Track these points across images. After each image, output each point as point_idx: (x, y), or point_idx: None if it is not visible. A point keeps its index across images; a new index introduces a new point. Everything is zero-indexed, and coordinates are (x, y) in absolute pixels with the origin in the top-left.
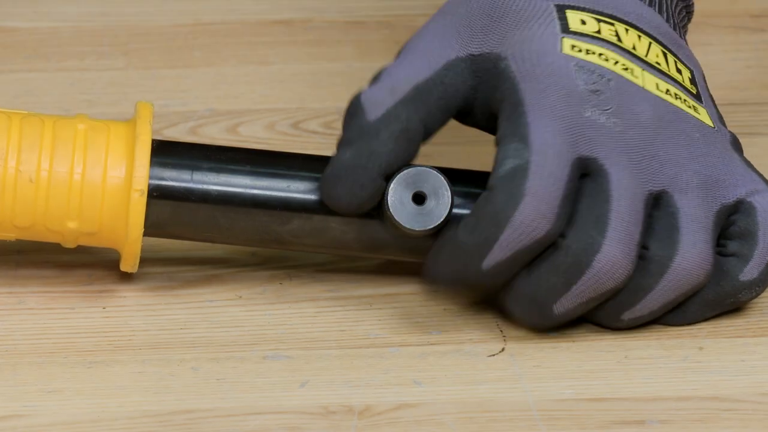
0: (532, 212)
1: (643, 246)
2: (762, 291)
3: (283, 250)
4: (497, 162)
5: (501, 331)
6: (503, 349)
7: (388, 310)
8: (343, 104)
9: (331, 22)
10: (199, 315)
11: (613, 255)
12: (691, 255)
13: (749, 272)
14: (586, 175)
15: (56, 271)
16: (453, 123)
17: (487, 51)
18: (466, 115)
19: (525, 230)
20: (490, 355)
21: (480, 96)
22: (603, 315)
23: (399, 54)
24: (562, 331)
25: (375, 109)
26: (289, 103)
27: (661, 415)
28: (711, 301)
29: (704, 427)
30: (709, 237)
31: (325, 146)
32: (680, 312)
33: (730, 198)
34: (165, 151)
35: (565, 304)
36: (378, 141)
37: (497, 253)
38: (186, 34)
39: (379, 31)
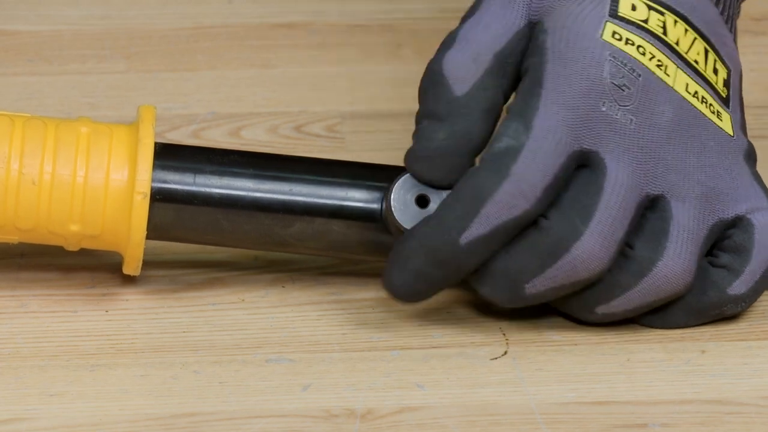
0: (514, 191)
1: (629, 245)
2: (747, 306)
3: (286, 253)
4: (494, 137)
5: (503, 334)
6: (506, 353)
7: (391, 313)
8: (346, 107)
9: (333, 25)
10: (202, 318)
11: (591, 246)
12: (674, 263)
13: (737, 287)
14: (585, 166)
15: (59, 274)
16: None
17: (536, 19)
18: None
19: (505, 207)
20: (492, 359)
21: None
22: (577, 305)
23: (470, 12)
24: (564, 335)
25: (461, 81)
26: (292, 106)
27: (663, 419)
28: (694, 310)
29: (707, 430)
30: (697, 249)
31: (327, 149)
32: (661, 316)
33: (729, 213)
34: (168, 155)
35: (537, 285)
36: (471, 120)
37: (477, 228)
38: (188, 38)
39: (381, 34)
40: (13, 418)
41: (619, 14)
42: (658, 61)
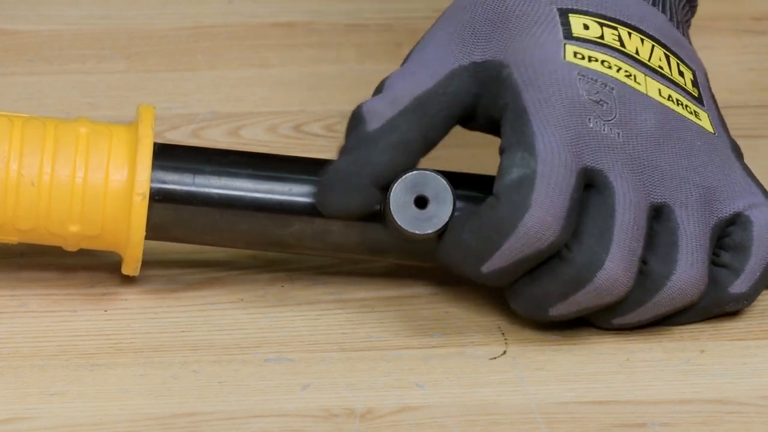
0: (537, 223)
1: (643, 260)
2: (748, 304)
3: (285, 253)
4: (503, 170)
5: (503, 334)
6: (505, 352)
7: (390, 312)
8: (345, 107)
9: (332, 24)
10: (201, 318)
11: (615, 272)
12: (688, 275)
13: (739, 286)
14: (590, 186)
15: (58, 274)
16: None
17: (489, 58)
18: (468, 121)
19: (528, 241)
20: (491, 358)
21: (482, 103)
22: (594, 316)
23: (402, 64)
24: (563, 334)
25: (375, 119)
26: (291, 105)
27: (663, 418)
28: (698, 310)
29: (706, 429)
30: (705, 255)
31: (326, 149)
32: (669, 318)
33: (727, 211)
34: (167, 155)
35: (560, 309)
36: (375, 150)
37: (497, 261)
38: (187, 37)
39: (380, 34)
40: (13, 417)
41: (574, 35)
42: (626, 71)
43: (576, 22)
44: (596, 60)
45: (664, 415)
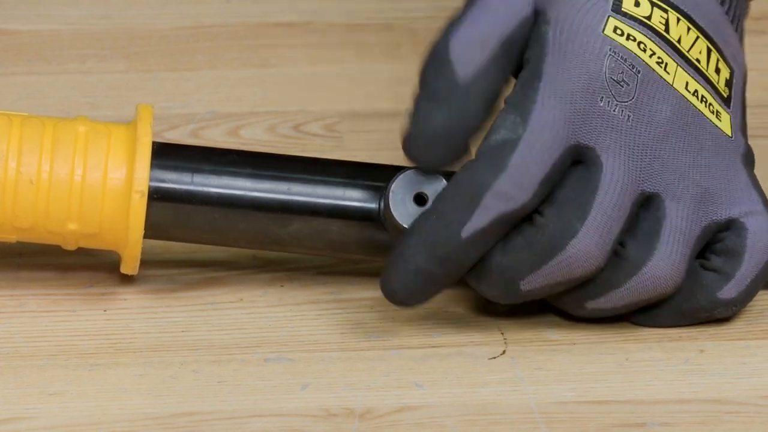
0: (513, 183)
1: (621, 243)
2: (738, 311)
3: (284, 253)
4: (492, 127)
5: (502, 333)
6: (504, 352)
7: (390, 312)
8: (345, 107)
9: (332, 24)
10: (200, 317)
11: (587, 244)
12: (664, 264)
13: (728, 291)
14: (580, 162)
15: (57, 274)
16: None
17: (540, 7)
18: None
19: (504, 198)
20: (491, 358)
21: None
22: (568, 300)
23: None
24: (563, 334)
25: (465, 64)
26: (290, 105)
27: (662, 418)
28: (684, 311)
29: (705, 429)
30: (688, 251)
31: (326, 149)
32: (650, 315)
33: (722, 216)
34: (165, 154)
35: (532, 282)
36: (471, 105)
37: (477, 220)
38: (187, 37)
39: (379, 34)
40: (12, 417)
41: (623, 9)
42: (659, 58)
43: None
44: (634, 39)
45: (664, 414)
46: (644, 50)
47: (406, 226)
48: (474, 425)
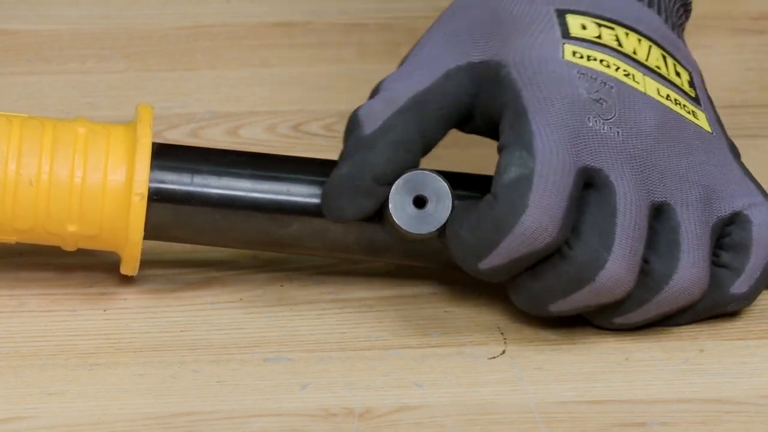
0: (534, 224)
1: (644, 259)
2: (748, 304)
3: (284, 253)
4: (501, 169)
5: (501, 333)
6: (504, 352)
7: (389, 312)
8: (344, 106)
9: (331, 24)
10: (200, 317)
11: (617, 272)
12: (690, 274)
13: (739, 286)
14: (589, 185)
15: (57, 274)
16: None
17: (487, 58)
18: (466, 123)
19: (525, 241)
20: (490, 358)
21: (481, 103)
22: (595, 315)
23: (399, 66)
24: (562, 334)
25: (372, 121)
26: (290, 105)
27: (662, 417)
28: (699, 310)
29: (705, 429)
30: (707, 254)
31: (326, 149)
32: (670, 318)
33: (726, 211)
34: (165, 155)
35: (561, 306)
36: (374, 152)
37: (494, 258)
38: (187, 37)
39: (379, 33)
40: (12, 417)
41: (572, 35)
42: (625, 71)
43: (574, 22)
44: (595, 59)
45: (663, 414)
46: (608, 66)
47: (405, 227)
48: (473, 425)
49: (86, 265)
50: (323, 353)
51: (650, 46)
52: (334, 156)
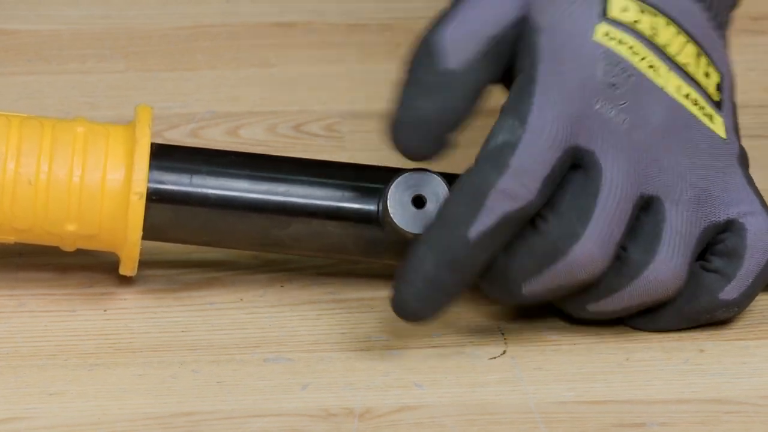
0: (516, 181)
1: (622, 246)
2: (740, 312)
3: (283, 254)
4: (491, 133)
5: (502, 333)
6: (504, 352)
7: (389, 312)
8: (345, 107)
9: (332, 24)
10: (200, 318)
11: (590, 249)
12: (666, 267)
13: (729, 292)
14: (579, 167)
15: (57, 274)
16: None
17: (528, 14)
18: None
19: (509, 196)
20: (491, 358)
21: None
22: (568, 303)
23: None
24: (563, 334)
25: (455, 55)
26: (290, 105)
27: (661, 418)
28: (685, 313)
29: (705, 429)
30: (689, 253)
31: (326, 149)
32: (652, 319)
33: (721, 217)
34: (164, 155)
35: (534, 286)
36: (458, 96)
37: (484, 220)
38: (187, 37)
39: (380, 34)
40: (12, 417)
41: (611, 16)
42: (650, 62)
43: (616, 3)
44: (625, 44)
45: (663, 414)
46: (635, 54)
47: (404, 227)
48: (473, 425)
49: (86, 266)
50: (323, 353)
51: (686, 42)
52: (334, 156)
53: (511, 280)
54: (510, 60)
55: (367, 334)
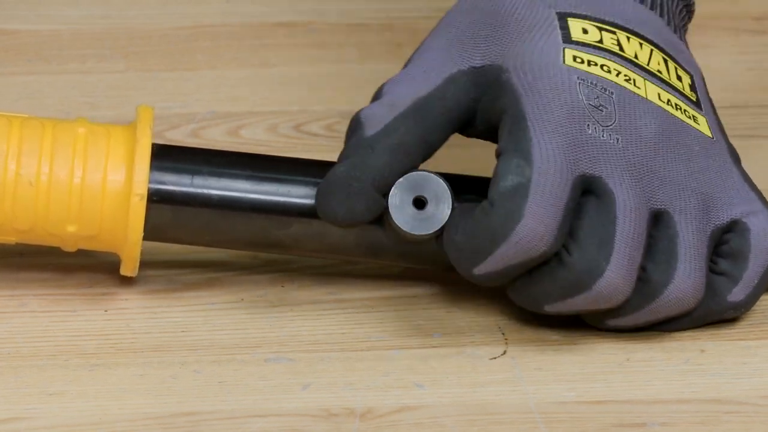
0: (529, 233)
1: (641, 266)
2: (746, 312)
3: (284, 255)
4: (498, 176)
5: (503, 334)
6: (505, 352)
7: (390, 312)
8: (345, 107)
9: (332, 24)
10: (201, 318)
11: (614, 281)
12: (685, 285)
13: (736, 294)
14: (588, 192)
15: (58, 274)
16: None
17: (489, 63)
18: (467, 127)
19: (520, 249)
20: (491, 358)
21: (482, 107)
22: (589, 315)
23: (402, 69)
24: (564, 334)
25: (373, 124)
26: (291, 105)
27: (662, 418)
28: (695, 317)
29: (706, 429)
30: (703, 264)
31: (327, 149)
32: (666, 324)
33: (725, 219)
34: (165, 155)
35: (557, 308)
36: (373, 154)
37: (489, 265)
38: (187, 37)
39: (380, 34)
40: (12, 417)
41: (573, 39)
42: (625, 75)
43: (575, 26)
44: (596, 64)
45: (664, 414)
46: (609, 72)
47: (405, 228)
48: (474, 425)
49: (87, 266)
50: (324, 353)
51: (651, 50)
52: (335, 156)
53: (534, 300)
54: (454, 112)
55: (368, 334)
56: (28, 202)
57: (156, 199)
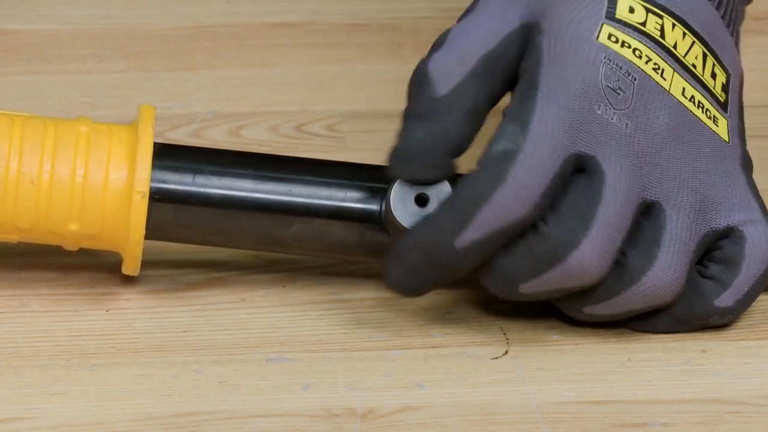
0: (511, 196)
1: (622, 251)
2: (734, 319)
3: (285, 254)
4: (492, 140)
5: (504, 334)
6: (506, 352)
7: (391, 312)
8: (347, 107)
9: (334, 24)
10: (202, 318)
11: (589, 255)
12: (664, 274)
13: (725, 299)
14: (581, 170)
15: (59, 274)
16: None
17: (534, 20)
18: (515, 84)
19: (501, 213)
20: (493, 358)
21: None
22: (565, 304)
23: (465, 13)
24: (565, 335)
25: (444, 81)
26: (292, 105)
27: (663, 418)
28: (681, 318)
29: (706, 429)
30: (687, 260)
31: (328, 149)
32: (647, 322)
33: (721, 224)
34: (167, 154)
35: (531, 287)
36: (450, 119)
37: (472, 232)
38: (187, 37)
39: (382, 34)
40: (13, 417)
41: (617, 16)
42: (655, 64)
43: (623, 4)
44: (629, 46)
45: (665, 414)
46: (640, 57)
47: (407, 227)
48: (475, 425)
49: (88, 266)
50: (325, 353)
51: (693, 42)
52: (336, 157)
53: (508, 279)
54: (513, 71)
55: (370, 334)
56: (29, 201)
57: (158, 197)
